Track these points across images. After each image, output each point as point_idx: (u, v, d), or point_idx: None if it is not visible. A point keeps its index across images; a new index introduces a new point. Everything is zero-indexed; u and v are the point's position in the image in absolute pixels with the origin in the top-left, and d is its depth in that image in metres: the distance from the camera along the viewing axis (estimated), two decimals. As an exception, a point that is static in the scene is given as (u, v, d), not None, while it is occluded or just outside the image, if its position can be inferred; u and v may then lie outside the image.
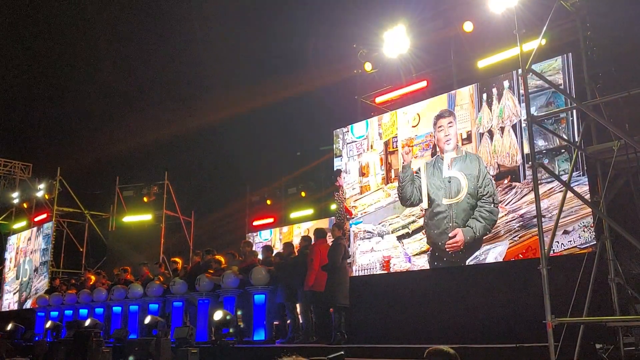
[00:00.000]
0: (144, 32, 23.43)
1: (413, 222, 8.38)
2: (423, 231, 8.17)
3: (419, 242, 8.21)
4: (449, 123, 8.16)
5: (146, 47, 24.00)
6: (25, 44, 24.70)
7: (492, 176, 7.54)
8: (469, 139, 7.91)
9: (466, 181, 7.78)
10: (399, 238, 8.46)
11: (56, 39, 24.19)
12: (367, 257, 8.76)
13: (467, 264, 7.59)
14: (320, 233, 8.91)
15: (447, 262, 7.81)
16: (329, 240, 8.91)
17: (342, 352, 5.82)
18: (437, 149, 8.21)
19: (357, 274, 8.71)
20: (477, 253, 7.54)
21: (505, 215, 7.32)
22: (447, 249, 7.77)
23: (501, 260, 7.25)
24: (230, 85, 21.48)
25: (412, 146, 8.57)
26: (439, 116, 8.30)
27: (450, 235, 7.76)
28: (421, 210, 8.24)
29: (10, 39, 23.42)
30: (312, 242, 8.85)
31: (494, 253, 7.39)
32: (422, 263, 8.12)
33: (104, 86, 24.16)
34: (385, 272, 8.49)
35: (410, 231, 8.36)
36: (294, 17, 21.79)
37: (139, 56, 24.14)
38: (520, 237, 7.12)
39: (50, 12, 23.53)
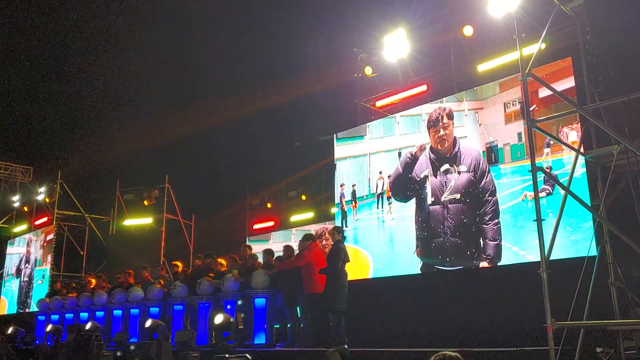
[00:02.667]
0: (144, 36, 23.46)
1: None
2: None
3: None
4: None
5: (146, 51, 24.02)
6: (26, 49, 24.77)
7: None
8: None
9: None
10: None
11: (56, 44, 24.26)
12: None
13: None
14: (309, 237, 8.93)
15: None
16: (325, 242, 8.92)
17: (346, 346, 5.78)
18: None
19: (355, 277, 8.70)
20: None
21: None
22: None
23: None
24: (231, 88, 21.51)
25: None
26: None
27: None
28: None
29: (11, 43, 23.48)
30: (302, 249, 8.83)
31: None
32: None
33: (104, 90, 24.23)
34: (384, 275, 8.48)
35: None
36: (294, 21, 21.84)
37: (138, 60, 24.18)
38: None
39: (50, 17, 23.58)
